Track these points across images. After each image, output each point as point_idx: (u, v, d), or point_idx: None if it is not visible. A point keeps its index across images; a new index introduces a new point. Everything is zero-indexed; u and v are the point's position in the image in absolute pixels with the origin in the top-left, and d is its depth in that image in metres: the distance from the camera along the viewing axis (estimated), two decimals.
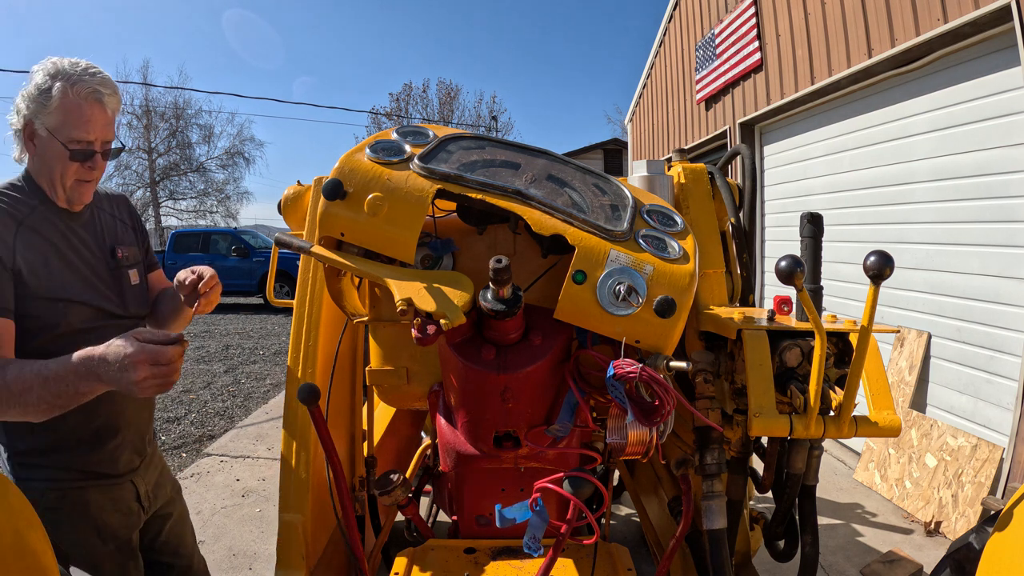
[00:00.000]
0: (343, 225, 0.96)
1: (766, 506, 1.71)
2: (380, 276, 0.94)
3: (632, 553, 1.31)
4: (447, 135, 1.09)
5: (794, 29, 5.36)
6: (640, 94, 10.60)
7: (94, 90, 1.34)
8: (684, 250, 0.95)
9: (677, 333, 0.91)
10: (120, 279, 1.54)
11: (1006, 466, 3.20)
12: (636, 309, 0.87)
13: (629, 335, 0.88)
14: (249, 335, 10.03)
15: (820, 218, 1.15)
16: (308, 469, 1.40)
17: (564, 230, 0.91)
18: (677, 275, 0.89)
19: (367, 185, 0.96)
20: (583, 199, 1.00)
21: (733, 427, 1.17)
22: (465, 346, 0.97)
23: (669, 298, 0.86)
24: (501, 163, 1.04)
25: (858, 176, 4.70)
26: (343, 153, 1.07)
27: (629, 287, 0.87)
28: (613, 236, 0.92)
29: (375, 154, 0.99)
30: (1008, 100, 3.38)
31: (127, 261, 1.57)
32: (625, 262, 0.89)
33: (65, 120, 1.32)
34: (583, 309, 0.89)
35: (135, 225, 1.71)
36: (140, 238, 1.70)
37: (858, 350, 0.90)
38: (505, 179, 0.98)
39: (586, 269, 0.89)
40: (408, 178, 0.96)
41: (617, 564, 1.26)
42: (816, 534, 1.27)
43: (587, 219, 0.93)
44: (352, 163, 0.99)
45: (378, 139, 1.05)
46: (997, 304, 3.51)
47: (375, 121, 30.71)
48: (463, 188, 0.95)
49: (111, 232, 1.57)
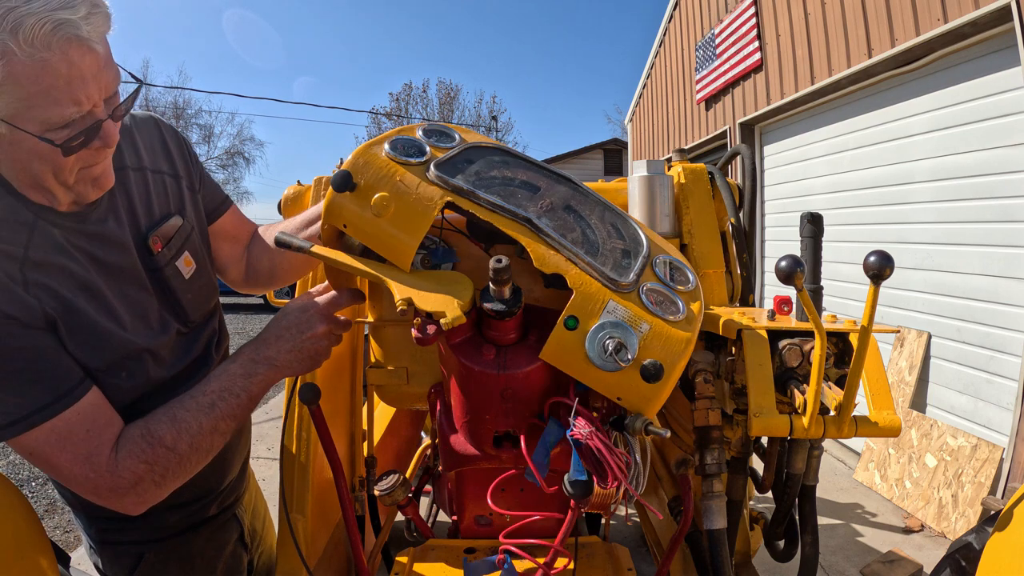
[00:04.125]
0: (347, 218, 0.95)
1: (766, 506, 1.71)
2: (380, 276, 0.94)
3: (632, 553, 1.31)
4: (471, 143, 1.06)
5: (794, 29, 5.36)
6: (640, 94, 10.60)
7: (64, 28, 0.79)
8: (688, 312, 0.92)
9: (662, 398, 0.87)
10: (164, 283, 1.12)
11: (1006, 466, 3.20)
12: (623, 368, 0.84)
13: (611, 391, 0.85)
14: (249, 335, 10.03)
15: (820, 218, 1.15)
16: (308, 469, 1.40)
17: (566, 271, 0.89)
18: (673, 340, 0.87)
19: (377, 182, 0.94)
20: (596, 238, 0.97)
21: (733, 427, 1.17)
22: (465, 346, 0.97)
23: (658, 363, 0.83)
24: (520, 183, 1.01)
25: (858, 176, 4.70)
26: (342, 151, 1.05)
27: (619, 343, 0.84)
28: (616, 286, 0.89)
29: (393, 151, 0.97)
30: (1008, 100, 3.38)
31: (171, 250, 1.13)
32: (622, 316, 0.87)
33: (28, 99, 0.80)
34: (569, 356, 0.86)
35: (172, 160, 1.20)
36: (189, 178, 1.23)
37: (858, 350, 0.90)
38: (520, 202, 0.96)
39: (580, 316, 0.86)
40: (420, 183, 0.94)
41: (617, 564, 1.26)
42: (816, 534, 1.27)
43: (592, 263, 0.90)
44: (367, 156, 0.96)
45: (401, 134, 1.02)
46: (997, 304, 3.51)
47: (375, 121, 30.74)
48: (473, 205, 0.93)
49: (144, 204, 1.11)
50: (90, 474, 0.90)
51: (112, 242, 1.04)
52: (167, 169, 1.18)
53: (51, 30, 0.78)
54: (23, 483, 4.10)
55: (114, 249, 1.04)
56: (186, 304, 1.16)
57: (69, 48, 0.80)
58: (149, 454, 0.93)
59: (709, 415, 1.13)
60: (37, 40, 0.77)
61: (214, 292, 1.26)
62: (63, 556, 1.12)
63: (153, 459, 0.94)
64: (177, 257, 1.14)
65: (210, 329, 1.27)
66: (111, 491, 0.92)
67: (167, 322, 1.12)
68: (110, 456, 0.92)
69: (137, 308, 1.06)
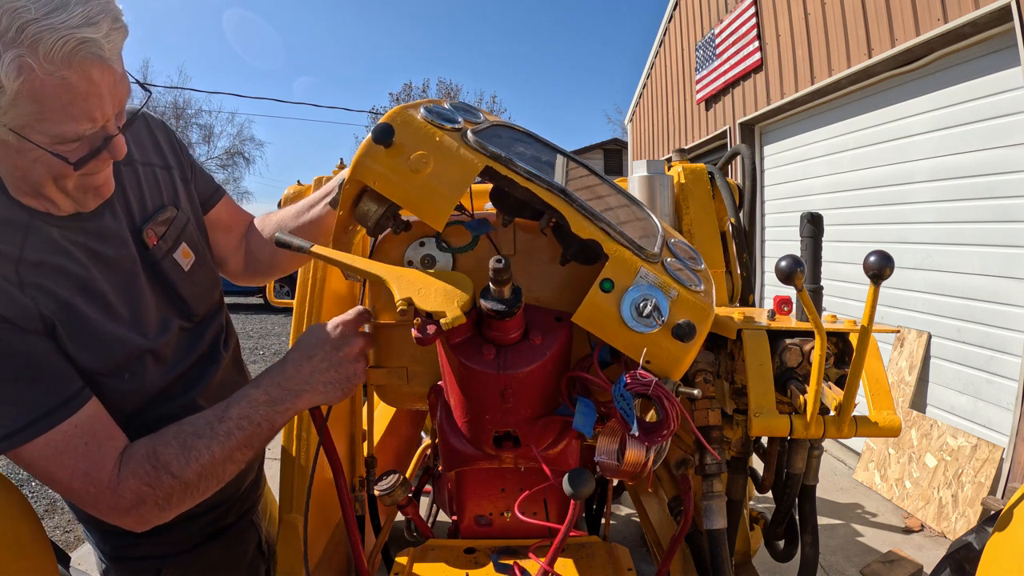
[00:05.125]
0: (378, 174, 0.94)
1: (766, 506, 1.71)
2: (380, 275, 0.94)
3: (632, 553, 1.31)
4: (497, 121, 1.08)
5: (794, 29, 5.36)
6: (640, 94, 10.61)
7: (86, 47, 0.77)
8: (707, 287, 0.96)
9: (689, 360, 0.90)
10: (163, 276, 1.08)
11: (1006, 466, 3.20)
12: (656, 329, 0.87)
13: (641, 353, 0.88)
14: (249, 335, 10.03)
15: (820, 218, 1.15)
16: (308, 469, 1.40)
17: (602, 238, 0.91)
18: (699, 306, 0.90)
19: (417, 141, 0.93)
20: (619, 215, 1.00)
21: (733, 427, 1.17)
22: (465, 346, 0.96)
23: (691, 322, 0.85)
24: (546, 163, 1.03)
25: (858, 176, 4.70)
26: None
27: (655, 304, 0.87)
28: (645, 255, 0.92)
29: (430, 115, 0.97)
30: (1008, 100, 3.38)
31: (167, 242, 1.09)
32: (653, 281, 0.89)
33: (42, 113, 0.79)
34: (604, 318, 0.88)
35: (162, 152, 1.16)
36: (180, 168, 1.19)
37: (858, 350, 0.90)
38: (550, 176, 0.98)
39: (615, 279, 0.89)
40: (460, 146, 0.94)
41: (617, 564, 1.26)
42: (816, 534, 1.27)
43: (624, 233, 0.93)
44: (406, 116, 0.96)
45: (433, 103, 1.02)
46: (997, 304, 3.51)
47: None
48: (512, 173, 0.94)
49: (138, 198, 1.08)
50: (90, 489, 0.87)
51: (110, 236, 1.00)
52: (158, 161, 1.15)
53: (72, 49, 0.76)
54: (23, 483, 4.09)
55: (112, 243, 1.00)
56: (188, 297, 1.12)
57: (90, 67, 0.79)
58: (153, 478, 0.89)
59: (709, 415, 1.13)
60: (58, 58, 0.75)
61: (216, 283, 1.23)
62: (63, 556, 1.12)
63: (156, 483, 0.89)
64: (174, 249, 1.10)
65: (216, 325, 1.23)
66: (111, 509, 0.89)
67: (168, 319, 1.08)
68: (112, 473, 0.88)
69: (137, 305, 1.02)
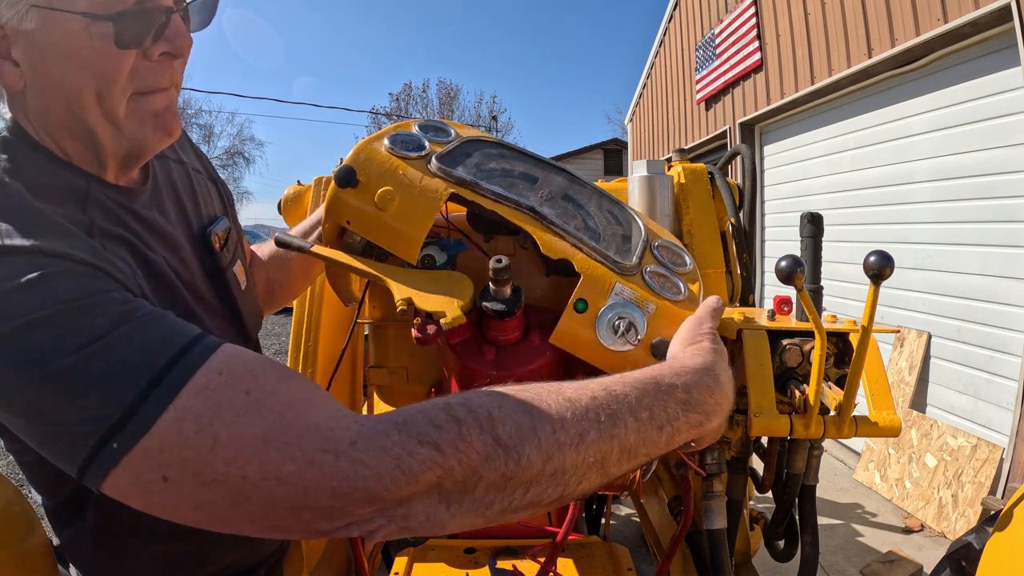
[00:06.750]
0: (350, 214, 0.94)
1: (766, 506, 1.71)
2: (380, 276, 0.94)
3: (632, 553, 1.31)
4: (468, 136, 1.07)
5: (794, 29, 5.36)
6: (640, 94, 10.60)
7: None
8: (689, 293, 0.94)
9: None
10: (226, 289, 0.91)
11: (1006, 466, 3.20)
12: (632, 347, 0.86)
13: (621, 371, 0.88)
14: None
15: (820, 218, 1.15)
16: None
17: (572, 255, 0.90)
18: (678, 318, 0.89)
19: (380, 177, 0.93)
20: (596, 225, 0.98)
21: (733, 427, 1.17)
22: (465, 346, 0.97)
23: (666, 340, 0.85)
24: (519, 175, 1.02)
25: (858, 176, 4.70)
26: (342, 151, 1.05)
27: (628, 323, 0.86)
28: (621, 268, 0.90)
29: (393, 146, 0.97)
30: (1008, 100, 3.38)
31: (229, 252, 0.93)
32: (628, 297, 0.88)
33: None
34: (580, 339, 0.88)
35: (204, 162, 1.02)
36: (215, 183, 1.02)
37: (858, 350, 0.90)
38: (521, 192, 0.96)
39: (588, 299, 0.87)
40: (423, 177, 0.94)
41: (617, 564, 1.26)
42: (816, 534, 1.27)
43: (597, 248, 0.92)
44: (368, 152, 0.96)
45: (398, 130, 1.02)
46: (997, 304, 3.51)
47: (375, 121, 30.74)
48: (477, 196, 0.93)
49: (192, 201, 0.90)
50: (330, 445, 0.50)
51: (162, 235, 0.79)
52: (201, 168, 1.00)
53: None
54: (23, 483, 4.09)
55: (165, 244, 0.79)
56: (246, 319, 0.94)
57: None
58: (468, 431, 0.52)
59: None
60: None
61: (261, 314, 1.06)
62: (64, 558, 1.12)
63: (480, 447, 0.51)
64: (233, 263, 0.94)
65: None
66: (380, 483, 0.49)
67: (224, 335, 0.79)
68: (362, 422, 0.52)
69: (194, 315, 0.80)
